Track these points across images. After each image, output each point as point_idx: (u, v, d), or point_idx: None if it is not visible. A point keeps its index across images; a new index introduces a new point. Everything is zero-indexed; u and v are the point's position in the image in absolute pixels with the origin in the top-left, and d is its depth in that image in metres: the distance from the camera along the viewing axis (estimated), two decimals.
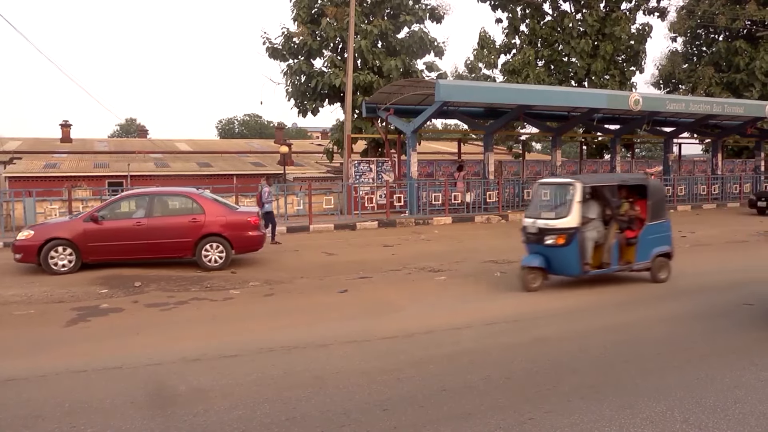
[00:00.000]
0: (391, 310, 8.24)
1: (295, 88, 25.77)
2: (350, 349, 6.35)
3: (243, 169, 36.56)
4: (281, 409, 4.71)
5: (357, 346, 6.50)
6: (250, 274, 11.17)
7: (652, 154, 52.76)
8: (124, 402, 4.91)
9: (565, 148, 43.10)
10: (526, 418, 4.50)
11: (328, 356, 6.12)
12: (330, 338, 6.71)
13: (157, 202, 11.93)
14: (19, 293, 9.52)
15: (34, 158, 36.11)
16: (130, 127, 71.58)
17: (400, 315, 8.01)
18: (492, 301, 8.71)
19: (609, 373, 5.52)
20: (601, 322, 7.45)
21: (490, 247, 14.40)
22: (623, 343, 6.50)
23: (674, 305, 8.28)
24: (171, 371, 5.68)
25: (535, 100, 21.80)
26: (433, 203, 21.79)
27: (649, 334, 6.89)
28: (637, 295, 9.01)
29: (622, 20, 29.12)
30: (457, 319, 7.61)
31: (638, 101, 22.19)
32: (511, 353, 6.16)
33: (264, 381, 5.37)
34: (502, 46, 31.00)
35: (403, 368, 5.67)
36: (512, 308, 8.16)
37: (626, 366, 5.72)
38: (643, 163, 30.53)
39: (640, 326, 7.27)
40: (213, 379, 5.44)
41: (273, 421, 4.50)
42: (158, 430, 4.39)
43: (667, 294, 9.05)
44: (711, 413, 4.55)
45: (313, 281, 10.43)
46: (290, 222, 19.25)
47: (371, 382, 5.29)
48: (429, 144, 41.64)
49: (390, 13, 26.15)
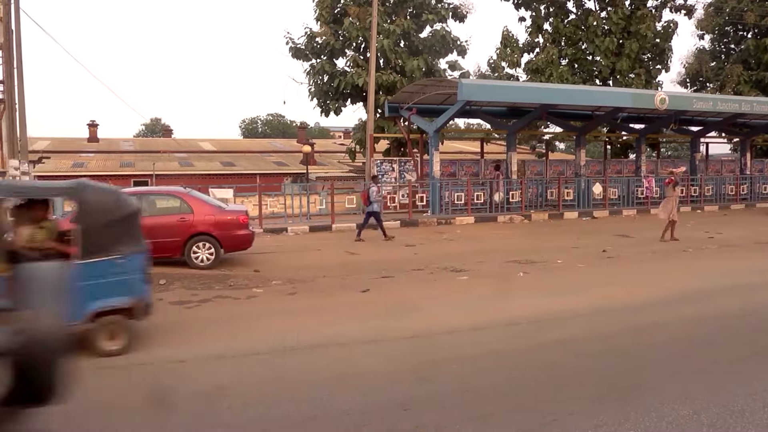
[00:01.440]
0: (413, 310, 8.22)
1: (317, 88, 25.89)
2: (372, 349, 6.36)
3: (266, 168, 36.83)
4: (303, 408, 4.73)
5: (378, 345, 6.51)
6: (272, 273, 11.23)
7: (678, 154, 51.95)
8: (149, 398, 4.96)
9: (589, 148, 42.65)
10: (549, 419, 4.45)
11: (349, 355, 6.13)
12: (351, 337, 6.72)
13: (145, 202, 11.75)
14: None
15: (62, 158, 36.76)
16: (155, 126, 72.51)
17: (422, 315, 7.99)
18: (515, 302, 8.64)
19: (633, 376, 5.44)
20: (625, 324, 7.35)
21: (512, 247, 14.31)
22: (647, 345, 6.41)
23: (701, 306, 8.14)
24: (194, 368, 5.74)
25: (558, 100, 21.61)
26: (455, 203, 21.71)
27: (674, 336, 6.77)
28: (665, 295, 8.88)
29: (647, 18, 28.69)
30: (479, 319, 7.57)
31: (664, 100, 21.88)
32: (533, 354, 6.11)
33: (285, 379, 5.39)
34: (525, 45, 30.77)
35: (424, 368, 5.66)
36: (535, 309, 8.09)
37: (650, 368, 5.63)
38: (669, 162, 30.08)
39: (665, 328, 7.15)
40: (235, 376, 5.48)
41: (294, 419, 4.52)
42: (182, 427, 4.43)
43: (694, 295, 8.90)
44: (739, 417, 4.46)
45: (335, 280, 10.45)
46: (312, 221, 19.32)
47: (392, 382, 5.28)
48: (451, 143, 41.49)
49: (412, 12, 26.13)
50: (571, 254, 12.97)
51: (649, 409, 4.60)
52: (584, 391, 5.03)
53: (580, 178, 24.17)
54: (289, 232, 17.78)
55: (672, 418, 4.44)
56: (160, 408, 4.76)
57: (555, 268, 11.39)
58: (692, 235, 16.04)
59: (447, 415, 4.56)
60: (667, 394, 4.91)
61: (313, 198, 21.43)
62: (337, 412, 4.64)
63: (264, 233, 17.08)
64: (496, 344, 6.52)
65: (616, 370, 5.60)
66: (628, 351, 6.19)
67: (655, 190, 24.80)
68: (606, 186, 24.02)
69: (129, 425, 4.45)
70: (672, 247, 13.79)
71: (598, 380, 5.31)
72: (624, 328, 7.13)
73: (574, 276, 10.69)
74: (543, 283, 10.11)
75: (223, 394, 5.02)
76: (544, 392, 5.04)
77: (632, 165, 27.52)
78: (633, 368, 5.65)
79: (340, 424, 4.43)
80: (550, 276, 10.71)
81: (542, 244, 14.77)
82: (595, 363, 5.80)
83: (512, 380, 5.31)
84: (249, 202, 19.98)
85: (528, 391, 5.08)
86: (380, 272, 11.03)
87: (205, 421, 4.50)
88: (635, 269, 11.36)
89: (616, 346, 6.34)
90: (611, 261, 12.17)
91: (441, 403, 4.79)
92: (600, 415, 4.50)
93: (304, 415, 4.59)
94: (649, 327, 7.17)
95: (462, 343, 6.53)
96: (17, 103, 19.08)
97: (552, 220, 21.41)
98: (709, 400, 4.76)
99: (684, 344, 6.43)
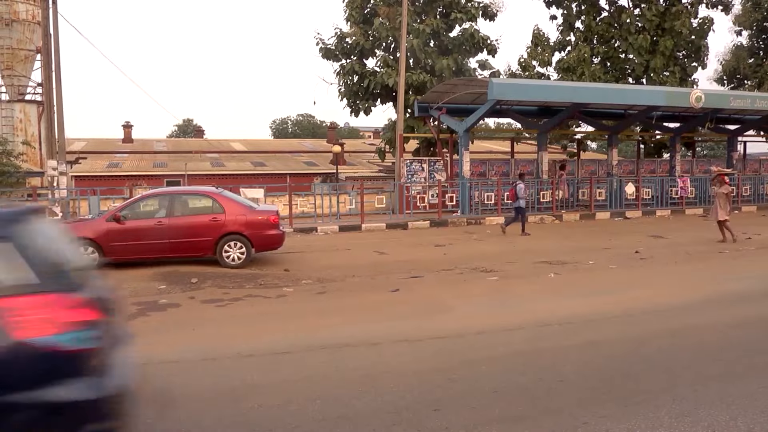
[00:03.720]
0: (443, 310, 8.20)
1: (347, 88, 25.98)
2: (401, 348, 6.36)
3: (296, 168, 37.10)
4: (333, 407, 4.75)
5: (408, 345, 6.51)
6: (302, 272, 11.31)
7: (714, 153, 50.82)
8: (181, 395, 5.04)
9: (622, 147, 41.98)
10: (579, 422, 4.40)
11: (379, 355, 6.15)
12: (381, 337, 6.74)
13: (178, 201, 11.99)
14: None
15: (97, 158, 37.58)
16: (188, 127, 73.54)
17: (452, 315, 7.97)
18: (545, 303, 8.55)
19: (667, 379, 5.34)
20: (661, 326, 7.21)
21: (543, 247, 14.17)
22: (683, 348, 6.28)
23: (738, 309, 7.95)
24: (225, 366, 5.81)
25: (590, 98, 21.34)
26: (485, 203, 21.60)
27: (709, 339, 6.62)
28: (701, 298, 8.70)
29: (683, 14, 28.10)
30: (510, 320, 7.52)
31: (700, 98, 21.44)
32: (564, 356, 6.05)
33: (316, 378, 5.43)
34: (557, 44, 30.42)
35: (454, 368, 5.64)
36: (566, 310, 8.00)
37: (685, 372, 5.52)
38: (704, 162, 29.44)
39: (702, 330, 7.00)
40: (266, 375, 5.54)
41: (325, 417, 4.54)
42: (213, 423, 4.49)
43: (736, 297, 8.70)
44: None
45: (364, 280, 10.48)
46: (342, 221, 19.41)
47: (422, 382, 5.28)
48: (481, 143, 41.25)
49: (442, 11, 26.05)
50: (603, 255, 12.80)
51: (684, 414, 4.51)
52: (616, 395, 4.96)
53: (612, 177, 23.83)
54: (318, 232, 17.88)
55: (708, 423, 4.35)
56: (193, 404, 4.82)
57: (586, 269, 11.25)
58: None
59: (477, 416, 4.54)
60: (703, 398, 4.81)
61: (343, 198, 21.51)
62: (367, 411, 4.66)
63: (294, 233, 17.21)
64: (526, 345, 6.46)
65: (649, 373, 5.50)
66: (661, 354, 6.08)
67: (690, 190, 24.32)
68: (639, 186, 23.62)
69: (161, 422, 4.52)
70: (708, 249, 13.51)
71: (630, 383, 5.22)
72: (657, 331, 7.00)
73: (606, 277, 10.54)
74: (574, 284, 10.00)
75: (253, 393, 5.07)
76: (575, 395, 4.98)
77: (666, 164, 27.02)
78: (666, 371, 5.55)
79: (370, 423, 4.44)
80: (581, 277, 10.58)
81: (573, 245, 14.60)
82: (628, 366, 5.71)
83: (543, 382, 5.26)
84: (279, 202, 20.15)
85: (559, 393, 5.03)
86: (410, 272, 11.03)
87: (235, 420, 4.56)
88: (669, 271, 11.16)
89: (649, 349, 6.23)
90: (644, 262, 11.97)
91: (471, 404, 4.78)
92: (632, 419, 4.44)
93: (334, 414, 4.62)
94: (684, 330, 7.03)
95: (492, 344, 6.50)
96: (55, 105, 19.58)
97: (583, 220, 21.15)
98: (746, 405, 4.65)
99: (720, 347, 6.28)
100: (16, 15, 33.39)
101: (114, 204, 19.47)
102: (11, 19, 33.27)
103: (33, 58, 34.31)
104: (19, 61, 34.03)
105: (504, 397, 4.92)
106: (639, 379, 5.32)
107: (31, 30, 33.62)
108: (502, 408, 4.71)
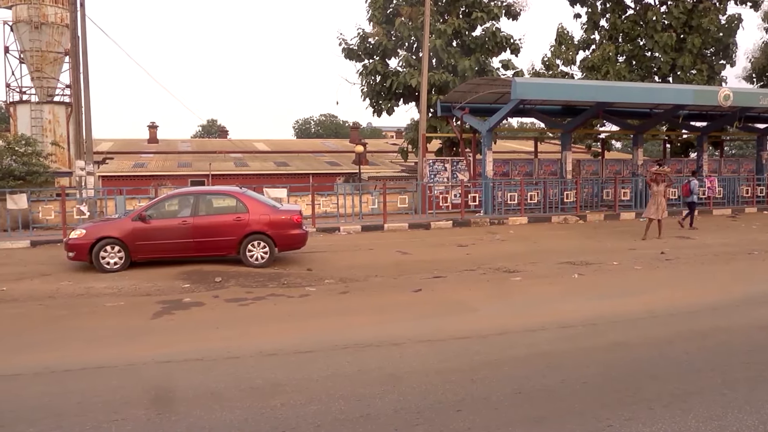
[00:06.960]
0: (465, 310, 8.18)
1: (370, 88, 26.01)
2: (424, 349, 6.35)
3: (319, 168, 37.24)
4: (355, 406, 4.77)
5: (430, 345, 6.50)
6: (325, 271, 11.35)
7: (743, 152, 49.87)
8: (204, 393, 5.10)
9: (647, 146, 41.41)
10: (604, 425, 4.36)
11: (401, 355, 6.15)
12: (403, 337, 6.73)
13: (202, 201, 12.08)
14: (110, 286, 10.07)
15: (124, 158, 38.14)
16: (212, 127, 74.28)
17: (474, 315, 7.94)
18: (569, 303, 8.49)
19: (694, 382, 5.26)
20: (684, 328, 7.11)
21: (566, 248, 14.05)
22: (710, 351, 6.18)
23: (767, 311, 7.81)
24: (248, 365, 5.86)
25: (614, 97, 21.11)
26: (508, 203, 21.48)
27: (737, 341, 6.51)
28: (728, 299, 8.55)
29: (710, 11, 27.64)
30: (533, 320, 7.47)
31: (728, 96, 21.06)
32: (588, 357, 5.99)
33: (338, 378, 5.45)
34: (581, 42, 30.14)
35: (477, 369, 5.62)
36: (590, 311, 7.93)
37: (713, 375, 5.43)
38: (732, 161, 28.88)
39: (727, 332, 6.89)
40: (288, 374, 5.57)
41: (347, 417, 4.56)
42: (237, 422, 4.53)
43: (765, 299, 8.53)
44: None
45: (387, 280, 10.49)
46: (365, 221, 19.44)
47: (445, 382, 5.27)
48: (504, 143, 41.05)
49: (464, 11, 25.94)
50: (628, 256, 12.65)
51: (711, 418, 4.44)
52: (641, 397, 4.90)
53: (637, 177, 23.54)
54: (341, 232, 17.94)
55: (736, 428, 4.28)
56: (216, 402, 4.87)
57: (610, 270, 11.13)
58: (758, 237, 15.42)
59: (500, 417, 4.52)
60: (730, 402, 4.73)
61: (366, 198, 21.54)
62: (389, 411, 4.66)
63: (317, 232, 17.29)
64: (549, 346, 6.41)
65: (674, 375, 5.43)
66: (688, 356, 5.98)
67: (718, 190, 23.89)
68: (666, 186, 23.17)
69: (185, 420, 4.58)
70: (736, 250, 13.29)
71: (655, 385, 5.15)
72: (683, 333, 6.90)
73: (631, 278, 10.42)
74: (598, 285, 9.91)
75: (276, 391, 5.10)
76: (600, 396, 4.93)
77: (693, 164, 26.60)
78: (692, 374, 5.47)
79: (392, 423, 4.45)
80: (605, 278, 10.47)
81: (597, 245, 14.45)
82: (653, 368, 5.64)
83: (566, 383, 5.22)
84: (302, 202, 20.25)
85: (582, 394, 4.98)
86: (432, 272, 11.01)
87: (258, 418, 4.59)
88: (695, 271, 11.00)
89: (675, 351, 6.14)
90: (670, 263, 11.80)
91: (494, 405, 4.75)
92: (658, 422, 4.38)
93: (357, 413, 4.63)
94: (710, 331, 6.92)
95: (515, 345, 6.46)
96: (83, 107, 19.92)
97: (608, 220, 20.92)
98: None
99: (748, 349, 6.17)
100: (45, 18, 34.03)
101: (139, 204, 19.74)
102: (40, 22, 33.92)
103: (62, 60, 34.94)
104: (48, 63, 34.67)
105: (527, 399, 4.89)
106: (665, 382, 5.25)
107: (59, 33, 34.24)
108: (525, 409, 4.68)
